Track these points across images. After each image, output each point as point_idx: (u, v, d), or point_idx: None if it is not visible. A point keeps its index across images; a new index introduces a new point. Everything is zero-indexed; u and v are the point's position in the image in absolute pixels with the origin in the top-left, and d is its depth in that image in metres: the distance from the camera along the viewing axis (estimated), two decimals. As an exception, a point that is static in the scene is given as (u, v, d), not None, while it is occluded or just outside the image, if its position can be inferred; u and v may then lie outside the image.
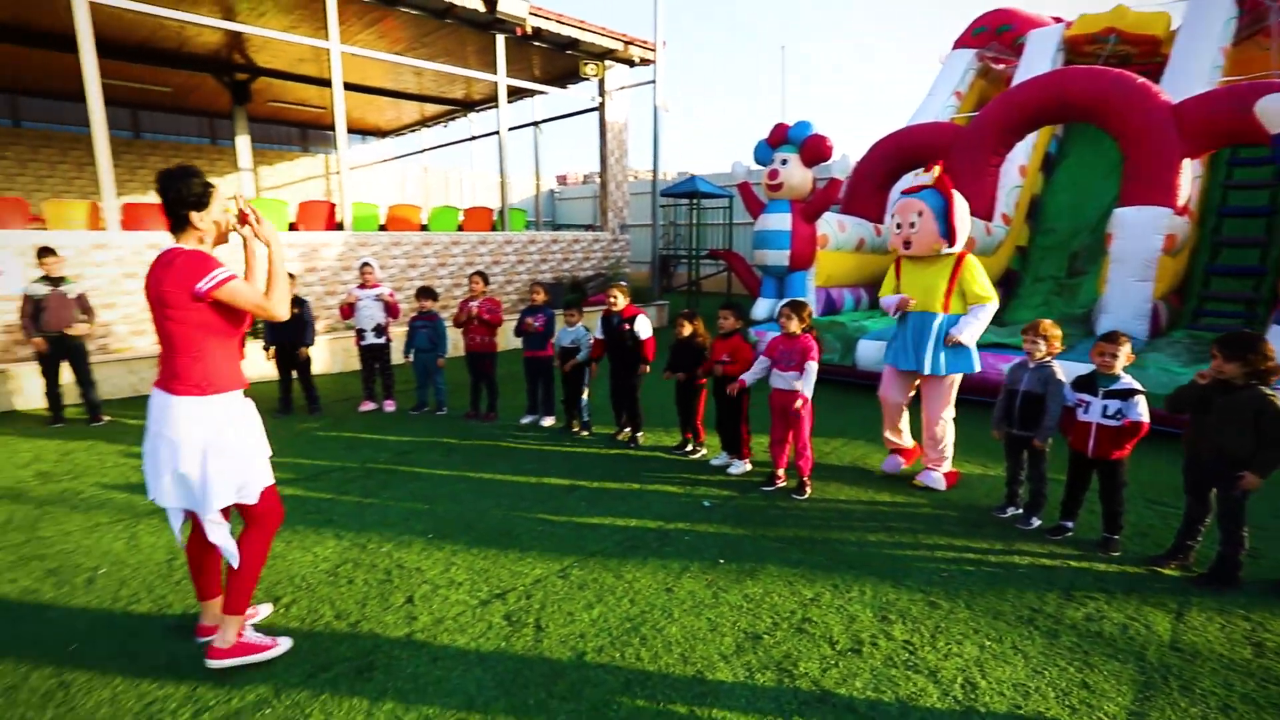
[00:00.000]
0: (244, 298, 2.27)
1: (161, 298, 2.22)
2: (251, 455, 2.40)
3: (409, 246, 9.77)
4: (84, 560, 3.31)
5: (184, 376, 2.25)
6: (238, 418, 2.37)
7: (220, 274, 2.22)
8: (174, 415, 2.25)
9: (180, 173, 2.28)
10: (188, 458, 2.25)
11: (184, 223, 2.29)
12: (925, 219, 4.09)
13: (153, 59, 11.78)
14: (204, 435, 2.26)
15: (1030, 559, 3.31)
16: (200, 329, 2.25)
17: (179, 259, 2.23)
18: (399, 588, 3.04)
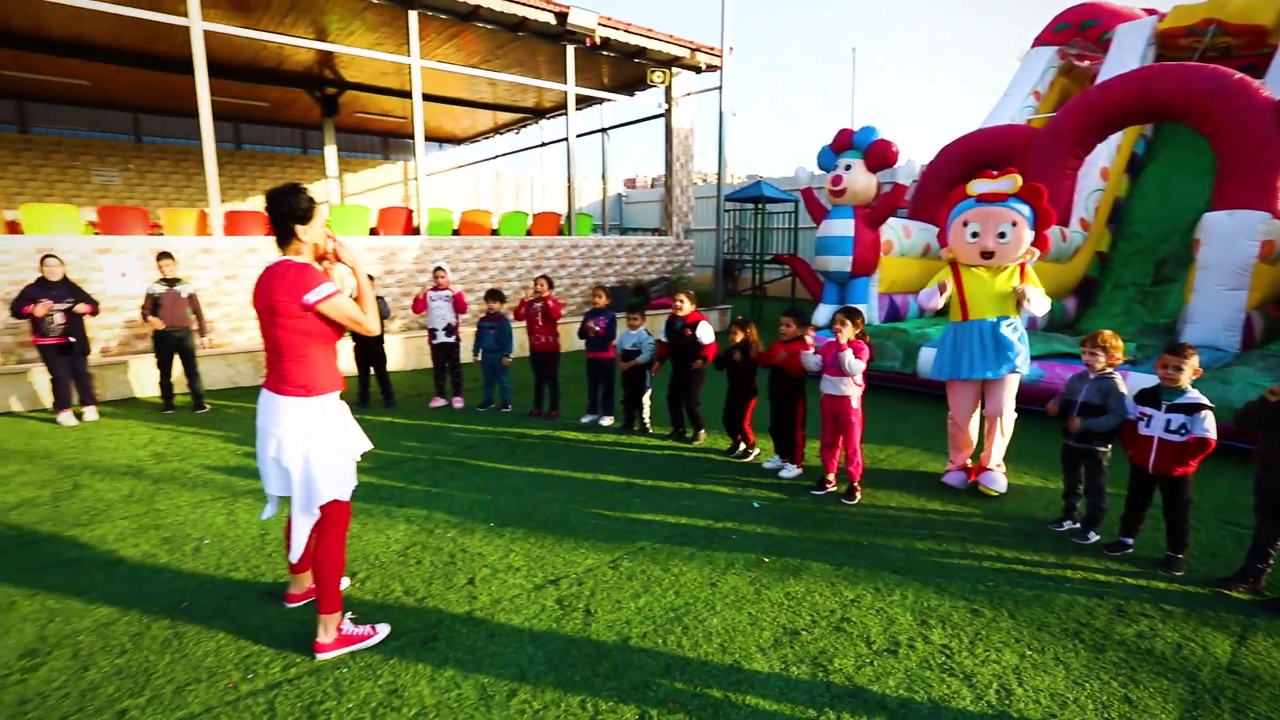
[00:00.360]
0: (345, 313, 2.48)
1: (272, 307, 2.41)
2: (346, 453, 2.62)
3: (480, 250, 10.22)
4: (191, 531, 3.72)
5: (290, 379, 2.46)
6: (336, 417, 2.58)
7: (327, 289, 2.43)
8: (281, 414, 2.46)
9: (288, 190, 2.47)
10: (291, 453, 2.46)
11: (290, 236, 2.47)
12: (1020, 230, 4.06)
13: (254, 77, 12.76)
14: (307, 433, 2.47)
15: (1083, 573, 3.25)
16: (305, 336, 2.45)
17: (290, 272, 2.41)
18: (461, 569, 3.29)
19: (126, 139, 15.41)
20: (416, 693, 2.37)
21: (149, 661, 2.56)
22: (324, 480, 2.50)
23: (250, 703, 2.32)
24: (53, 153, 14.44)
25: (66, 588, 3.12)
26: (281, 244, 2.51)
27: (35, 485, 4.43)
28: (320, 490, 2.50)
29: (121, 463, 4.87)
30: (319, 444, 2.49)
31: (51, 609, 2.93)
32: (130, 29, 10.10)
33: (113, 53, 11.34)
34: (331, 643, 2.59)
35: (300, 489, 2.50)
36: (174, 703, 2.33)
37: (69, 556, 3.44)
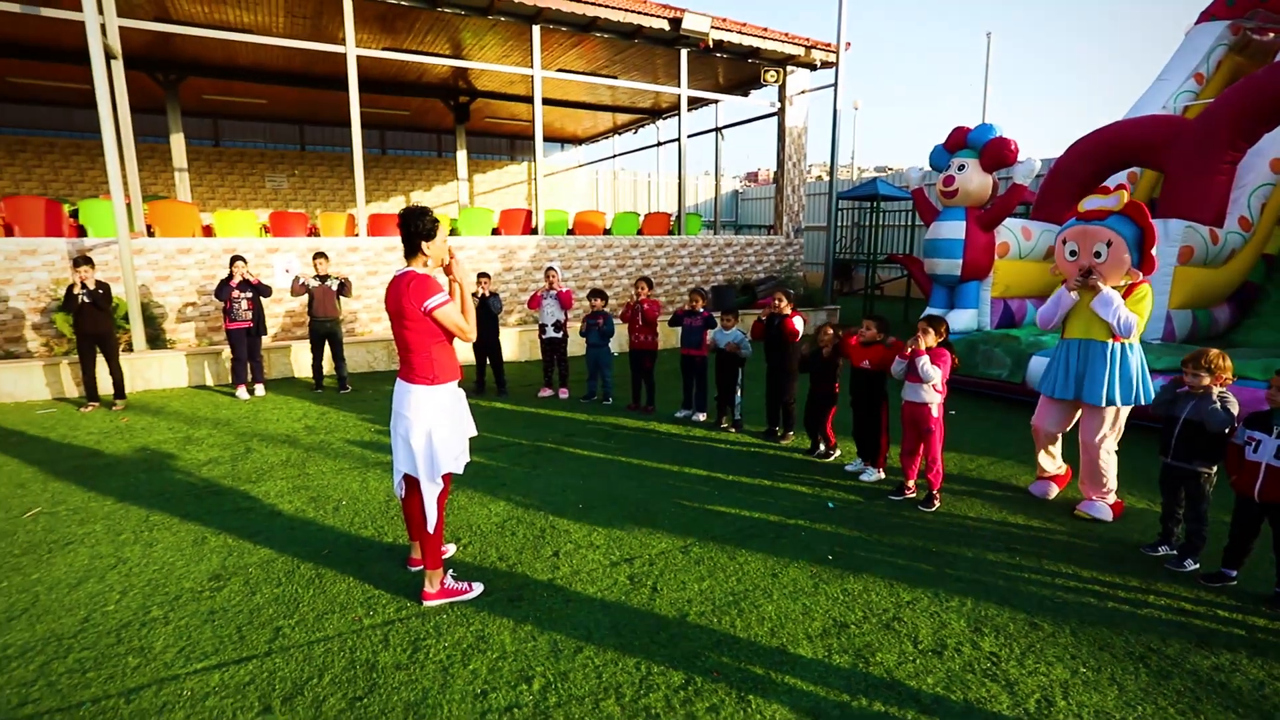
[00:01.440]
0: (450, 320, 2.90)
1: (401, 311, 2.86)
2: (463, 432, 3.07)
3: (592, 249, 10.78)
4: (332, 493, 4.42)
5: (418, 370, 2.92)
6: (454, 403, 3.03)
7: (440, 298, 2.85)
8: (410, 399, 2.92)
9: (417, 212, 2.92)
10: (418, 432, 2.92)
11: (416, 250, 2.92)
12: (1116, 249, 3.90)
13: (397, 89, 14.12)
14: (431, 415, 2.92)
15: (1168, 600, 3.13)
16: (427, 335, 2.89)
17: (415, 281, 2.85)
18: (549, 543, 3.70)
19: (293, 148, 17.50)
20: (499, 640, 2.79)
21: (298, 593, 3.16)
22: (444, 454, 2.94)
23: (370, 633, 2.84)
24: (237, 162, 16.70)
25: (242, 529, 3.85)
26: (408, 255, 2.96)
27: (219, 447, 5.37)
28: (440, 463, 2.94)
29: (282, 432, 5.77)
30: (440, 423, 2.94)
31: (230, 545, 3.65)
32: (298, 55, 11.56)
33: (284, 75, 13.00)
34: (436, 593, 3.07)
35: (424, 462, 2.94)
36: (315, 625, 2.89)
37: (243, 506, 4.22)
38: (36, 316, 7.48)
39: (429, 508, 3.02)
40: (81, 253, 7.37)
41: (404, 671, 2.59)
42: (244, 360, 7.05)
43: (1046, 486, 4.34)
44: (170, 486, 4.52)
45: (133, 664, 2.63)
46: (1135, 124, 8.18)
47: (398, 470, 3.09)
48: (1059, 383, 4.12)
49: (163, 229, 8.30)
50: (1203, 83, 10.00)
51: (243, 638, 2.81)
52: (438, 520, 3.03)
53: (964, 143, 7.50)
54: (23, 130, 14.85)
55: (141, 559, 3.50)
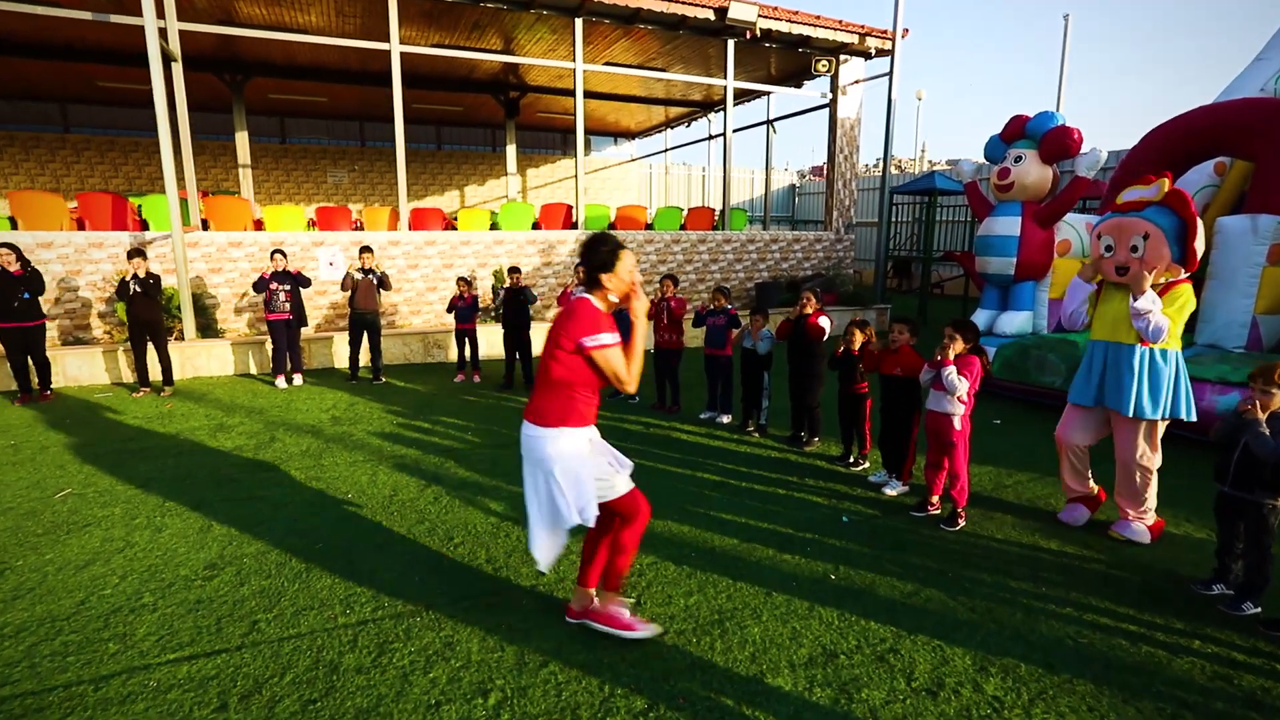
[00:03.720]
0: (611, 364, 2.51)
1: (557, 338, 2.55)
2: (593, 479, 2.60)
3: (632, 244, 10.62)
4: (342, 486, 4.45)
5: (546, 412, 2.56)
6: (586, 450, 2.61)
7: (604, 339, 2.50)
8: (536, 446, 2.57)
9: (596, 240, 2.60)
10: (543, 478, 2.58)
11: (596, 282, 2.60)
12: (1154, 243, 3.51)
13: (449, 86, 14.35)
14: (555, 461, 2.53)
15: (1216, 649, 2.76)
16: (573, 374, 2.54)
17: (581, 311, 2.53)
18: (541, 546, 3.60)
19: (354, 144, 18.07)
20: (466, 649, 2.70)
21: (283, 587, 3.17)
22: (565, 505, 2.54)
23: (341, 633, 2.80)
24: (301, 158, 17.37)
25: (247, 519, 3.92)
26: (588, 287, 2.65)
27: (247, 435, 5.53)
28: (566, 514, 2.54)
29: (308, 422, 5.89)
30: (570, 470, 2.55)
31: (232, 535, 3.72)
32: (354, 54, 11.87)
33: (342, 74, 13.39)
34: (603, 615, 2.77)
35: (548, 510, 2.60)
36: (291, 621, 2.88)
37: (256, 494, 4.30)
38: (102, 305, 7.93)
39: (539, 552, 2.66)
40: (137, 245, 7.76)
41: (364, 675, 2.54)
42: (283, 350, 7.26)
43: (1077, 512, 3.93)
44: (193, 472, 4.66)
45: (111, 650, 2.68)
46: (1224, 108, 7.42)
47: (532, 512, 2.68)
48: (1080, 386, 3.77)
49: (217, 223, 8.66)
50: (1308, 63, 9.01)
51: (220, 630, 2.82)
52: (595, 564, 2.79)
53: (1022, 132, 6.97)
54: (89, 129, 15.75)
55: (148, 544, 3.60)
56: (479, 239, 9.72)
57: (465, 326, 7.54)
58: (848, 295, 11.71)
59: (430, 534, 3.75)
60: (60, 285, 7.72)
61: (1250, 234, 6.37)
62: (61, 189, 15.04)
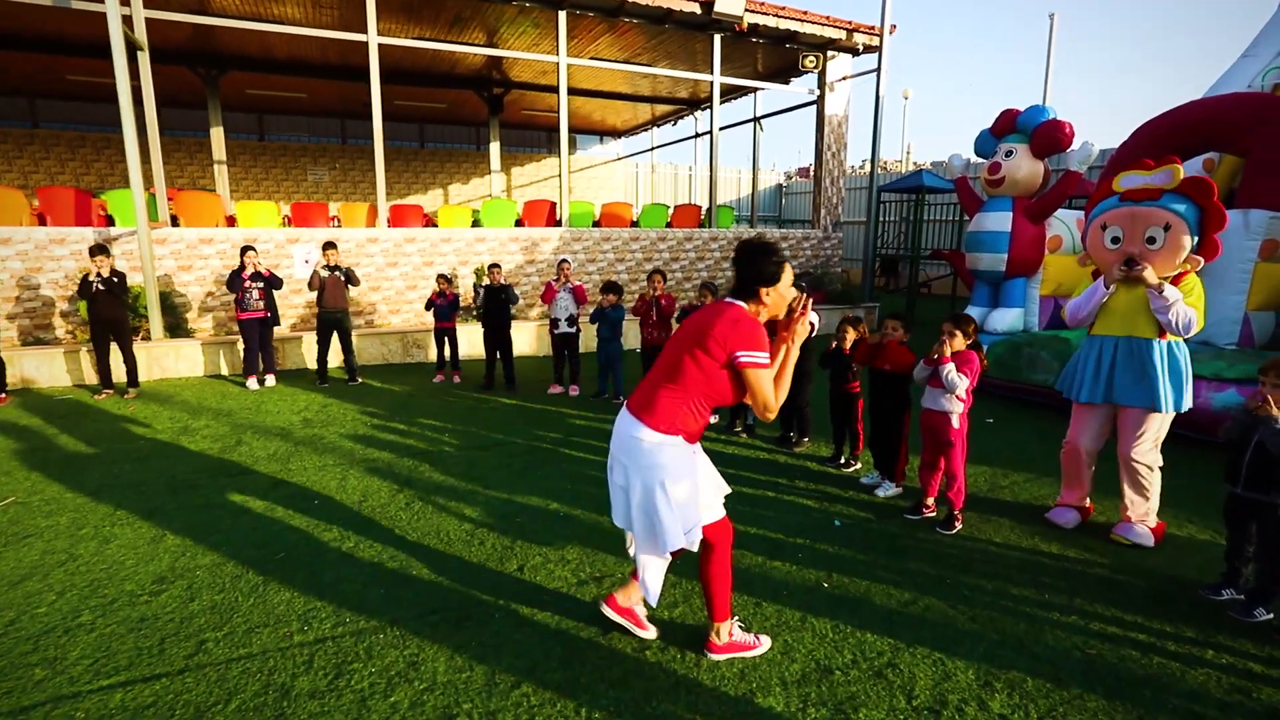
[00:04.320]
0: (760, 386, 2.24)
1: (703, 340, 2.25)
2: (697, 501, 2.38)
3: (618, 242, 10.46)
4: (308, 491, 4.22)
5: (660, 410, 2.30)
6: (689, 459, 2.38)
7: (762, 357, 2.23)
8: (649, 450, 2.29)
9: (760, 250, 2.33)
10: (640, 486, 2.32)
11: (753, 295, 2.34)
12: (1175, 234, 3.34)
13: (431, 81, 14.08)
14: (661, 473, 2.29)
15: (1230, 659, 2.61)
16: (708, 381, 2.28)
17: (744, 323, 2.24)
18: (517, 555, 3.39)
19: (335, 141, 17.74)
20: (432, 669, 2.49)
21: (237, 602, 2.94)
22: (672, 524, 2.30)
23: (296, 653, 2.58)
24: (280, 156, 17.02)
25: (204, 528, 3.67)
26: (742, 296, 2.36)
27: (212, 438, 5.27)
28: (667, 536, 2.30)
29: (278, 425, 5.64)
30: (674, 485, 2.30)
31: (186, 545, 3.47)
32: (333, 48, 11.57)
33: (322, 68, 13.08)
34: (724, 645, 2.55)
35: (645, 530, 2.37)
36: (242, 640, 2.65)
37: (215, 501, 4.06)
38: (64, 304, 7.61)
39: (651, 582, 2.44)
40: (100, 242, 7.45)
41: (318, 701, 2.32)
42: (255, 350, 6.99)
43: (1069, 515, 3.75)
44: (150, 479, 4.41)
45: (38, 677, 2.44)
46: (1214, 103, 7.35)
47: (618, 517, 2.50)
48: (1087, 384, 3.59)
49: (187, 219, 8.37)
50: (1295, 60, 8.99)
51: (163, 651, 2.59)
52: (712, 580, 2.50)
53: (1013, 126, 6.87)
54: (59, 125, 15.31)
55: (93, 556, 3.35)
56: (460, 236, 9.48)
57: (445, 325, 7.31)
58: (836, 294, 11.58)
59: (400, 542, 3.53)
60: (20, 283, 7.40)
61: (1242, 230, 6.29)
62: (30, 186, 14.60)
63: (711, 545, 2.45)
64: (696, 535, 2.36)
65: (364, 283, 8.85)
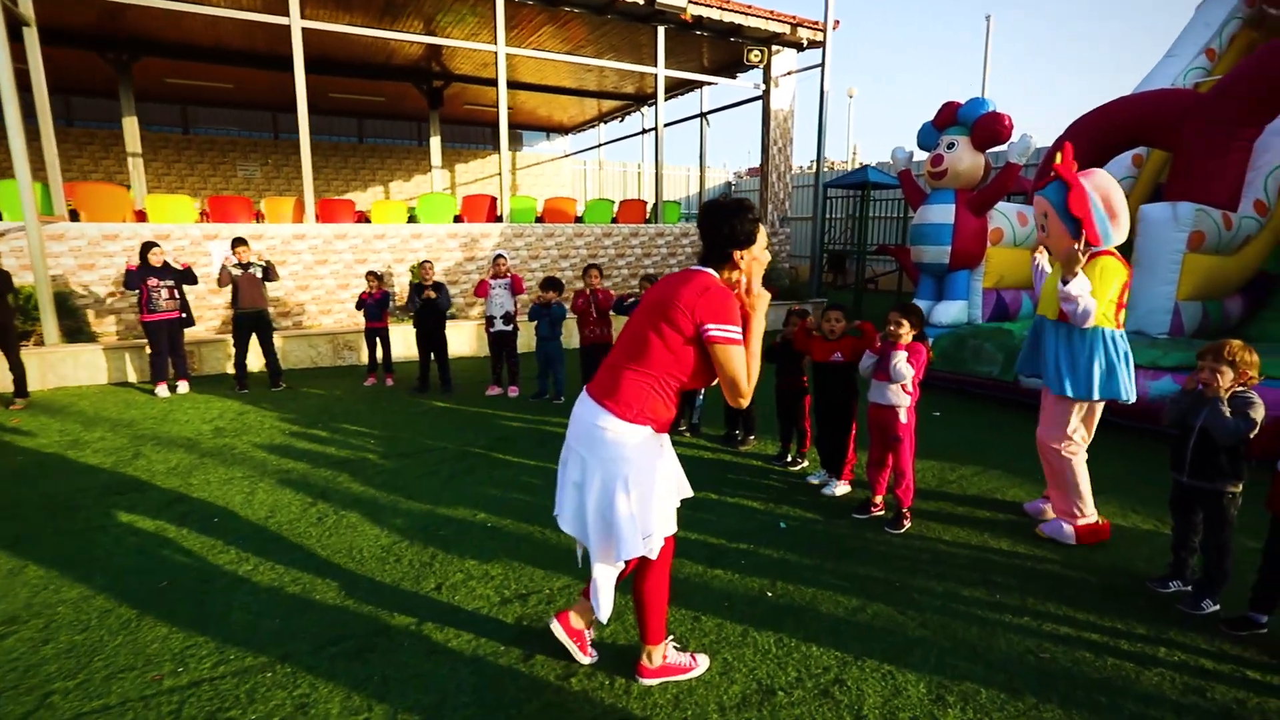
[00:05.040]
0: (731, 364, 1.99)
1: (669, 308, 2.01)
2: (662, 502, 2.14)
3: (562, 238, 10.15)
4: (208, 508, 3.80)
5: (624, 395, 2.04)
6: (658, 454, 2.14)
7: (734, 330, 1.99)
8: (612, 439, 2.04)
9: (731, 209, 2.08)
10: (599, 484, 2.07)
11: (725, 259, 2.10)
12: (1051, 220, 3.31)
13: (367, 73, 13.48)
14: (625, 467, 2.04)
15: (1182, 654, 2.51)
16: (677, 360, 2.04)
17: (714, 291, 2.00)
18: (436, 573, 3.08)
19: (267, 136, 16.88)
20: (324, 711, 2.17)
21: (101, 642, 2.55)
22: (628, 530, 2.04)
23: (165, 699, 2.23)
24: (207, 150, 16.09)
25: (77, 556, 3.24)
26: (712, 261, 2.13)
27: (106, 452, 4.77)
28: (624, 542, 2.05)
29: (185, 435, 5.16)
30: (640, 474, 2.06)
31: (53, 577, 3.04)
32: (261, 35, 10.91)
33: (248, 57, 12.35)
34: (656, 669, 2.31)
35: (600, 535, 2.11)
36: (99, 690, 2.28)
37: (97, 523, 3.61)
38: (-56, 307, 6.87)
39: (603, 595, 2.18)
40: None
41: (180, 760, 1.98)
42: (164, 355, 6.44)
43: (1043, 505, 3.68)
44: (23, 500, 3.91)
45: None
46: (1141, 100, 7.52)
47: (567, 519, 2.21)
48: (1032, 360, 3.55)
49: (89, 214, 7.70)
50: (1214, 59, 9.33)
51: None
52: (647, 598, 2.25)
53: (954, 119, 6.86)
54: None
55: (-64, 593, 2.90)
56: (395, 233, 9.02)
57: (376, 325, 6.89)
58: (784, 290, 11.53)
59: (306, 562, 3.18)
60: (-110, 284, 6.64)
61: (1171, 222, 6.40)
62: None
63: (652, 562, 2.20)
64: (658, 543, 2.11)
65: (292, 281, 8.33)
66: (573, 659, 2.39)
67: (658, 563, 2.20)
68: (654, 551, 2.11)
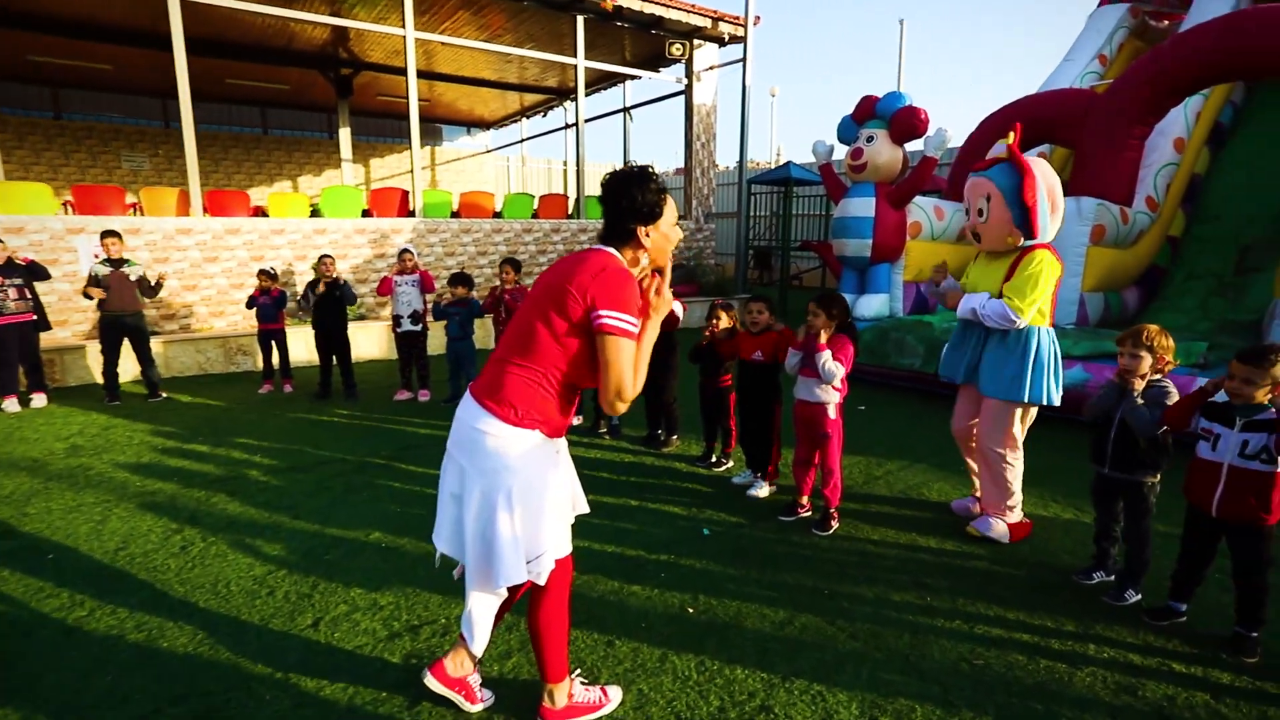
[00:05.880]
0: (618, 360, 1.71)
1: (560, 292, 1.75)
2: (551, 520, 1.85)
3: (479, 234, 9.69)
4: (46, 542, 3.25)
5: (510, 395, 1.76)
6: (551, 468, 1.86)
7: (629, 321, 1.72)
8: (497, 445, 1.76)
9: (640, 177, 1.83)
10: (479, 496, 1.78)
11: (629, 237, 1.84)
12: (995, 205, 3.18)
13: (267, 57, 12.53)
14: (509, 478, 1.76)
15: (1111, 650, 2.42)
16: (561, 350, 1.77)
17: (611, 273, 1.75)
18: (315, 606, 2.69)
19: (156, 124, 15.53)
20: (149, 796, 1.78)
21: None
22: (509, 552, 1.76)
23: (-63, 797, 1.77)
24: (84, 138, 14.62)
25: None
26: (613, 240, 1.87)
27: (-73, 479, 4.07)
28: (504, 566, 1.76)
29: (31, 456, 4.48)
30: (522, 493, 1.77)
31: None
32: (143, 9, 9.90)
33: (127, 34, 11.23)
34: (560, 711, 2.00)
35: (479, 557, 1.82)
36: None
37: (-102, 567, 3.01)
38: None
39: (478, 625, 1.93)
40: None
41: None
42: (13, 364, 5.63)
43: (971, 504, 3.60)
44: None
45: None
46: (1047, 98, 7.80)
47: (442, 538, 1.93)
48: (952, 360, 3.42)
49: (-78, 204, 6.71)
50: (1106, 64, 9.85)
51: None
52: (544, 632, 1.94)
53: (873, 112, 6.87)
54: None
55: None
56: (296, 228, 8.34)
57: (271, 327, 6.29)
58: (709, 286, 11.44)
59: (157, 603, 2.72)
60: None
61: (1075, 216, 6.61)
62: None
63: (545, 589, 1.91)
64: (545, 566, 1.83)
65: (177, 281, 7.55)
66: (459, 709, 2.07)
67: (552, 590, 1.91)
68: (541, 577, 1.82)
